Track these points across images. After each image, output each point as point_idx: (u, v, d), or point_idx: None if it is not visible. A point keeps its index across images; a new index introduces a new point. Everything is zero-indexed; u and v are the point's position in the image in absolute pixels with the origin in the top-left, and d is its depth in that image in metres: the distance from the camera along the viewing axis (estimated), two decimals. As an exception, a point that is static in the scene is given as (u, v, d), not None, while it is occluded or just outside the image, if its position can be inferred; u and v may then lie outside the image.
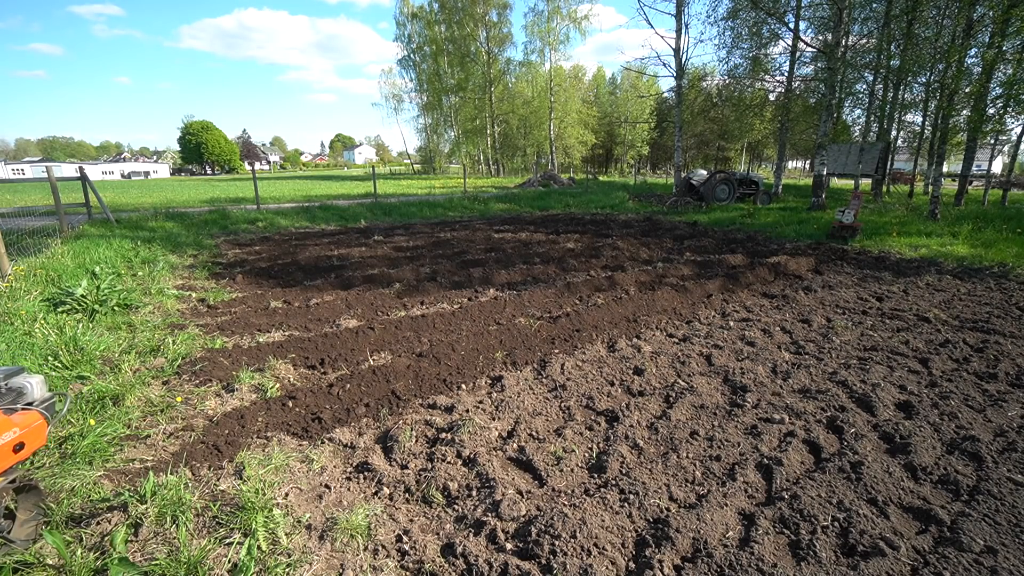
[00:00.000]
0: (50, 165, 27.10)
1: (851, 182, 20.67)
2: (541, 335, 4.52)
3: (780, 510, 2.23)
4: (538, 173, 32.24)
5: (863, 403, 3.26)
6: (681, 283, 6.24)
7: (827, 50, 14.56)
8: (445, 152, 51.48)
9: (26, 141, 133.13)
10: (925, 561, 1.96)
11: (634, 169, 44.51)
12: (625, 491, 2.36)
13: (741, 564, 1.92)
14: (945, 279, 6.65)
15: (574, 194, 20.70)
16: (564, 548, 2.00)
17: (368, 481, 2.53)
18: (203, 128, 77.53)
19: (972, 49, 13.28)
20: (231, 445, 2.77)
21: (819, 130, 14.72)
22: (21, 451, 1.86)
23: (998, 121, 13.04)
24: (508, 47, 40.62)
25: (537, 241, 9.76)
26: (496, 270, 6.89)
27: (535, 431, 2.96)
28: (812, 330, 4.70)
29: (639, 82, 44.92)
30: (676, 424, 3.00)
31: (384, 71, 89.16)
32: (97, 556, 1.92)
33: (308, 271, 6.97)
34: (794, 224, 11.75)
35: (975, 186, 23.11)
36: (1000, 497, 2.31)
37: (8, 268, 5.69)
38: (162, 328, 4.54)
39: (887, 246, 8.99)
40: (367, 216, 13.64)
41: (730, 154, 48.01)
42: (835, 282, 6.51)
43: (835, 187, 25.52)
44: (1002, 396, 3.33)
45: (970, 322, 4.86)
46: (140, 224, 10.87)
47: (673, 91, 20.49)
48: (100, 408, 3.06)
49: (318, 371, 3.84)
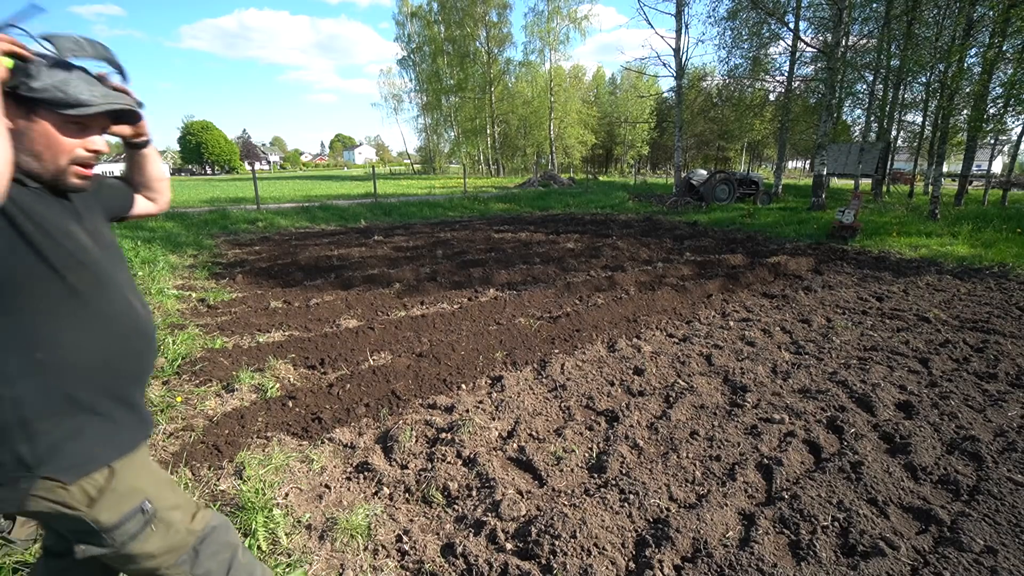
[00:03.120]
0: (50, 165, 26.99)
1: (851, 182, 20.66)
2: (541, 335, 4.52)
3: (780, 510, 2.23)
4: (538, 173, 32.25)
5: (863, 403, 3.26)
6: (681, 283, 6.24)
7: (827, 50, 14.56)
8: (445, 152, 51.46)
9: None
10: (925, 561, 1.96)
11: (634, 169, 44.52)
12: (625, 491, 2.36)
13: (741, 564, 1.92)
14: (945, 279, 6.65)
15: (574, 194, 20.70)
16: (564, 548, 2.00)
17: (368, 481, 2.53)
18: (203, 128, 77.48)
19: (972, 49, 13.28)
20: (231, 445, 2.77)
21: (819, 130, 14.73)
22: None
23: (998, 121, 13.05)
24: (508, 47, 40.58)
25: (537, 241, 9.76)
26: (496, 270, 6.89)
27: (535, 431, 2.96)
28: (812, 330, 4.70)
29: (639, 82, 44.87)
30: (676, 424, 3.00)
31: (384, 71, 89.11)
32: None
33: (308, 271, 6.97)
34: (794, 224, 11.75)
35: (975, 186, 23.10)
36: (1000, 497, 2.31)
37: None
38: (162, 328, 4.54)
39: (887, 246, 8.99)
40: (367, 216, 13.64)
41: (730, 154, 48.01)
42: (835, 282, 6.51)
43: (835, 187, 25.51)
44: (1002, 396, 3.33)
45: (970, 322, 4.86)
46: (140, 224, 10.86)
47: (673, 91, 20.48)
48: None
49: (318, 371, 3.84)
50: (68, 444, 0.99)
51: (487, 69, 40.12)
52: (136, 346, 1.13)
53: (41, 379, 0.96)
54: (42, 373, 0.96)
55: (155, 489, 1.12)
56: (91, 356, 1.03)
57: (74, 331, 1.00)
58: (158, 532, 1.11)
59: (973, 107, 12.60)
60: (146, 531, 1.09)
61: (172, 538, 1.13)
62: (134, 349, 1.12)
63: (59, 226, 0.99)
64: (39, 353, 0.96)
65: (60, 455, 0.98)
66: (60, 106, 0.92)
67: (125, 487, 1.06)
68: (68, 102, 0.92)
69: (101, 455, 1.04)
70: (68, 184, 1.02)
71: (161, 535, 1.11)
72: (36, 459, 0.96)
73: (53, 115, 0.94)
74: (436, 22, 41.39)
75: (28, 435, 0.95)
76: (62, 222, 1.00)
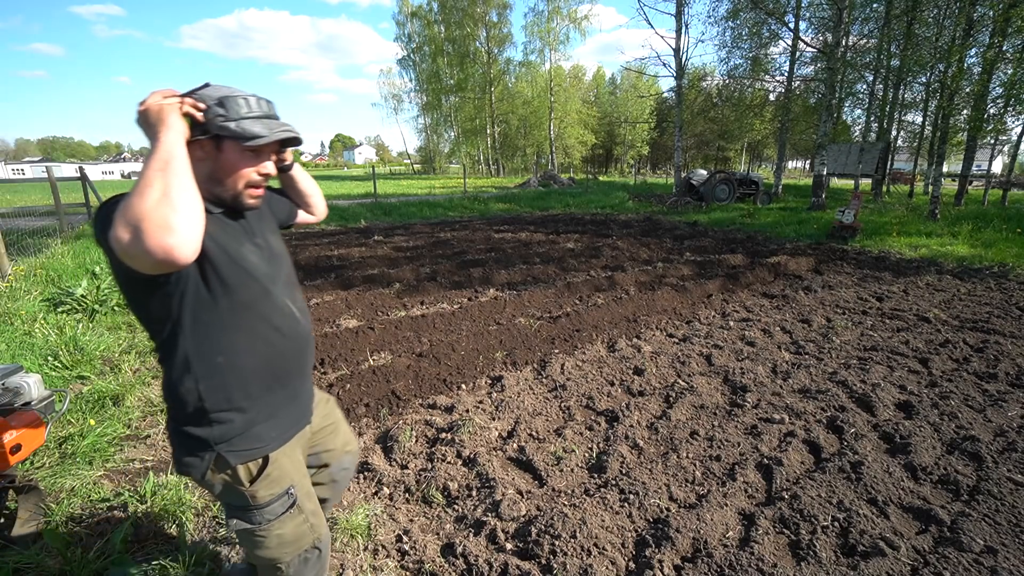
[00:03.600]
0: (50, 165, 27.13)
1: (851, 182, 20.64)
2: (541, 335, 4.52)
3: (780, 510, 2.23)
4: (538, 173, 32.25)
5: (863, 403, 3.25)
6: (681, 283, 6.24)
7: (827, 50, 14.56)
8: (445, 152, 51.44)
9: (26, 141, 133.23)
10: (925, 561, 1.96)
11: (634, 169, 44.51)
12: (625, 491, 2.36)
13: (741, 564, 1.92)
14: (945, 279, 6.65)
15: (574, 194, 20.70)
16: (564, 548, 2.00)
17: (368, 481, 2.52)
18: (203, 128, 77.38)
19: (972, 49, 13.27)
20: (231, 445, 2.77)
21: (819, 130, 14.72)
22: (19, 452, 1.85)
23: (998, 121, 13.05)
24: (508, 47, 40.56)
25: (537, 241, 9.76)
26: (496, 270, 6.89)
27: (535, 431, 2.96)
28: (812, 330, 4.70)
29: (639, 82, 44.86)
30: (676, 424, 3.00)
31: (384, 71, 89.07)
32: (97, 556, 1.92)
33: (308, 271, 6.97)
34: (794, 224, 11.74)
35: (975, 186, 23.09)
36: (1000, 497, 2.31)
37: (8, 268, 5.69)
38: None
39: (887, 246, 8.99)
40: (367, 216, 13.64)
41: (730, 154, 47.99)
42: (835, 282, 6.51)
43: (835, 187, 25.51)
44: (1002, 396, 3.33)
45: (970, 322, 4.86)
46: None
47: (673, 91, 20.48)
48: (100, 408, 3.06)
49: (318, 371, 3.84)
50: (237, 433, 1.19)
51: (487, 69, 40.11)
52: (295, 346, 1.30)
53: (220, 379, 1.16)
54: (221, 374, 1.16)
55: (299, 477, 1.32)
56: (257, 358, 1.21)
57: (244, 338, 1.18)
58: (295, 518, 1.30)
59: (973, 107, 12.58)
60: (287, 514, 1.28)
61: (301, 527, 1.32)
62: (293, 349, 1.29)
63: (235, 249, 1.17)
64: (219, 358, 1.15)
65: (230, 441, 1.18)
66: (242, 139, 1.12)
67: (278, 472, 1.26)
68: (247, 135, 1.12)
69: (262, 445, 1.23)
70: (244, 204, 1.20)
71: (295, 521, 1.31)
72: (213, 441, 1.17)
73: (236, 146, 1.13)
74: (436, 22, 41.37)
75: (209, 422, 1.16)
76: (237, 245, 1.18)
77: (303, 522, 1.33)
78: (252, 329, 1.20)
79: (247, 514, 1.25)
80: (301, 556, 1.35)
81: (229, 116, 1.10)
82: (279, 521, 1.27)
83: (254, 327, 1.20)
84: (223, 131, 1.10)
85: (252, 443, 1.21)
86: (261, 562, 1.35)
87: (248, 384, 1.20)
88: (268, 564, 1.34)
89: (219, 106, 1.10)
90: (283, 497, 1.27)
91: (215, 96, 1.11)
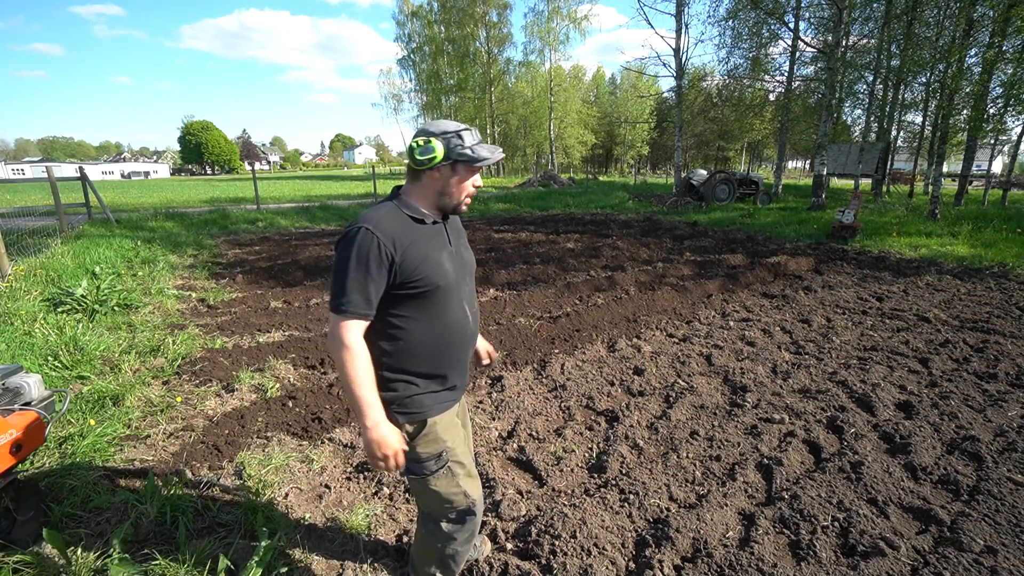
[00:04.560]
0: (50, 165, 27.10)
1: (851, 182, 20.62)
2: (541, 335, 4.52)
3: (780, 510, 2.23)
4: (538, 173, 32.25)
5: (863, 403, 3.25)
6: (681, 283, 6.24)
7: (827, 50, 14.56)
8: (445, 152, 51.28)
9: (26, 141, 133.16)
10: (925, 561, 1.96)
11: (634, 169, 44.51)
12: (625, 491, 2.36)
13: (741, 564, 1.92)
14: (945, 279, 6.65)
15: (574, 194, 20.70)
16: (564, 548, 2.00)
17: (368, 481, 2.53)
18: (203, 128, 77.49)
19: (972, 49, 13.26)
20: (231, 445, 2.77)
21: (819, 130, 14.72)
22: (19, 452, 1.85)
23: (998, 121, 13.04)
24: (508, 47, 40.46)
25: (537, 241, 9.76)
26: (496, 270, 6.89)
27: (535, 431, 2.96)
28: (812, 330, 4.70)
29: (639, 82, 44.83)
30: (676, 424, 3.00)
31: (384, 71, 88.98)
32: (97, 556, 1.92)
33: (308, 271, 6.97)
34: (794, 224, 11.74)
35: (975, 186, 23.08)
36: (1000, 497, 2.31)
37: (8, 268, 5.69)
38: (162, 328, 4.54)
39: (887, 246, 8.99)
40: (367, 216, 13.61)
41: (730, 154, 47.99)
42: (835, 282, 6.51)
43: (835, 187, 25.48)
44: (1002, 396, 3.33)
45: (970, 322, 4.86)
46: (140, 224, 10.88)
47: (673, 91, 20.48)
48: (100, 408, 3.06)
49: (318, 371, 3.84)
50: (406, 398, 1.49)
51: (487, 69, 40.08)
52: (460, 341, 1.55)
53: (399, 356, 1.46)
54: (400, 353, 1.46)
55: (453, 444, 1.56)
56: (429, 348, 1.49)
57: (423, 329, 1.46)
58: (446, 477, 1.54)
59: (973, 107, 12.57)
60: (440, 472, 1.53)
61: (452, 487, 1.56)
62: (457, 344, 1.54)
63: (435, 258, 1.44)
64: (401, 342, 1.46)
65: (400, 403, 1.48)
66: (473, 162, 1.41)
67: (434, 435, 1.51)
68: (479, 158, 1.42)
69: (422, 410, 1.50)
70: (462, 209, 1.52)
71: (447, 480, 1.55)
72: (389, 401, 1.46)
73: (465, 167, 1.43)
74: (436, 22, 41.31)
75: (388, 387, 1.47)
76: (437, 254, 1.45)
77: (455, 484, 1.56)
78: (431, 324, 1.47)
79: (415, 466, 1.52)
80: (457, 515, 1.59)
81: (464, 144, 1.40)
82: (434, 477, 1.53)
83: (433, 322, 1.47)
84: (461, 156, 1.40)
85: (414, 408, 1.49)
86: (425, 516, 1.64)
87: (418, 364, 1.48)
88: (430, 519, 1.62)
89: (456, 137, 1.39)
90: (437, 457, 1.52)
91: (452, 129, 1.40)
